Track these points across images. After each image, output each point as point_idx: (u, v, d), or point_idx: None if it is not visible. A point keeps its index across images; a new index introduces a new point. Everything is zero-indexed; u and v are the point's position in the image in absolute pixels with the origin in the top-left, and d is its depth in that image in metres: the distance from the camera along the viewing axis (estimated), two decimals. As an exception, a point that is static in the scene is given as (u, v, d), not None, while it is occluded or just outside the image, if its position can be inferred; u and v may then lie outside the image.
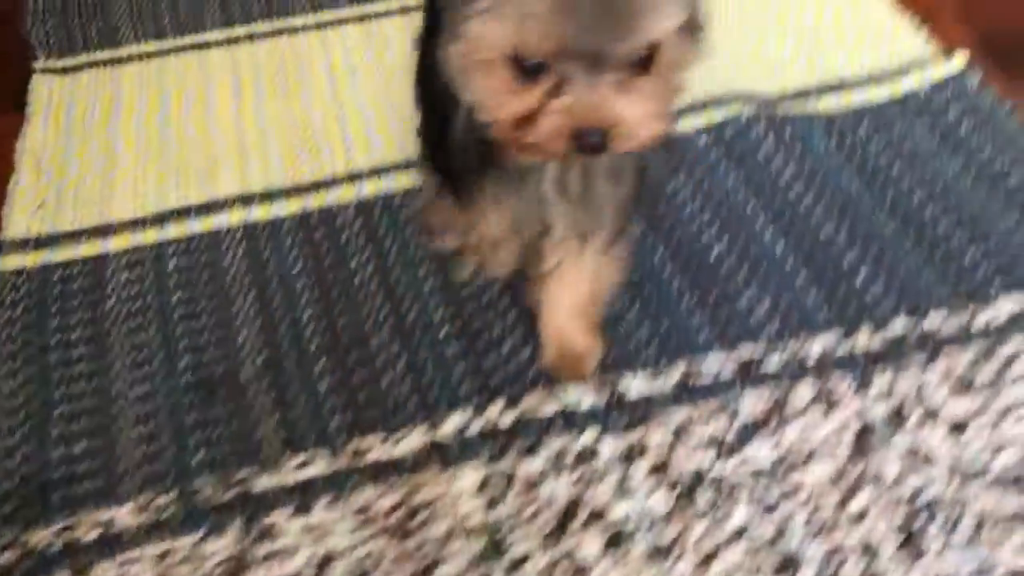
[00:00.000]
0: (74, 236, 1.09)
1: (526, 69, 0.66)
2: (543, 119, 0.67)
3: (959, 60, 1.24)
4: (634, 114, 0.67)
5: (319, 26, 1.37)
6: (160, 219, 1.10)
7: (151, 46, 1.35)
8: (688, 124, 1.16)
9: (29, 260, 1.06)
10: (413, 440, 0.89)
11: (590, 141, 0.67)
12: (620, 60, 0.66)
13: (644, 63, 0.67)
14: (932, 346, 0.94)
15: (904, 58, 1.27)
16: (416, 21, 1.33)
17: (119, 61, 1.33)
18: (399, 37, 1.34)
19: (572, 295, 0.92)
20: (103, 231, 1.09)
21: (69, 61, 1.33)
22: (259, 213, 1.10)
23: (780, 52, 1.29)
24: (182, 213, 1.11)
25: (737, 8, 1.35)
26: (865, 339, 0.95)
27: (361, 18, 1.38)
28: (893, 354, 0.93)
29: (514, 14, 0.64)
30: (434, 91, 0.78)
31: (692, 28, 0.70)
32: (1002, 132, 1.16)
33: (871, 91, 1.22)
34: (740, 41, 1.30)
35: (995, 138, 1.16)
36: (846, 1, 1.36)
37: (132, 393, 0.94)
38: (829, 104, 1.21)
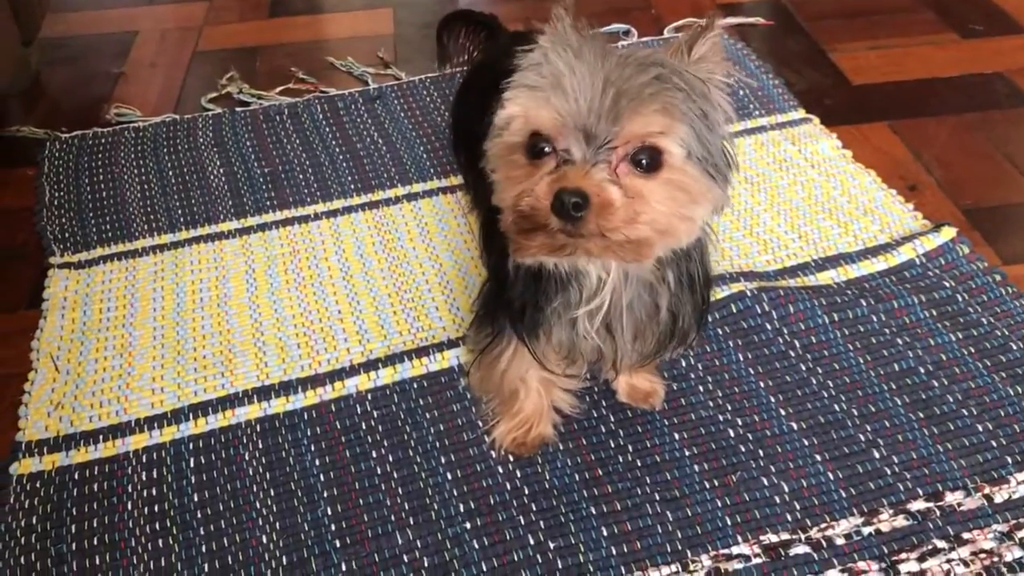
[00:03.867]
0: (92, 436, 1.09)
1: (536, 152, 0.76)
2: (537, 187, 0.75)
3: (949, 231, 1.30)
4: (619, 199, 0.74)
5: (329, 214, 1.41)
6: (178, 415, 1.11)
7: (165, 239, 1.39)
8: (695, 303, 1.19)
9: (46, 463, 1.06)
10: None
11: (569, 200, 0.73)
12: (617, 148, 0.74)
13: (648, 168, 0.75)
14: (954, 527, 0.94)
15: (896, 230, 1.33)
16: (421, 208, 1.39)
17: (134, 254, 1.36)
18: (407, 223, 1.38)
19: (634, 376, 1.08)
20: (121, 430, 1.10)
21: (84, 256, 1.36)
22: (277, 406, 1.11)
23: (775, 228, 1.34)
24: (200, 408, 1.11)
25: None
26: (887, 521, 0.95)
27: (370, 205, 1.43)
28: (917, 536, 0.94)
29: (529, 91, 0.75)
30: (494, 242, 0.91)
31: (710, 165, 0.77)
32: (997, 301, 1.20)
33: (867, 263, 1.26)
34: (734, 220, 1.35)
35: (991, 308, 1.19)
36: (833, 178, 1.43)
37: (153, 604, 0.92)
38: (827, 277, 1.25)
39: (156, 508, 1.01)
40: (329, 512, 1.00)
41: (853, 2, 1.95)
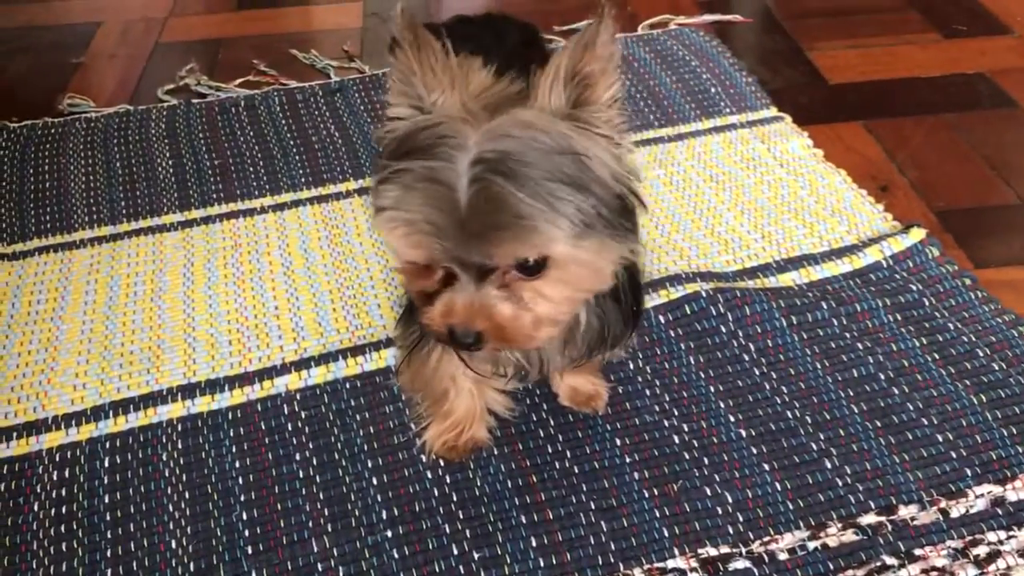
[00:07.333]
0: (5, 433, 1.03)
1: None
2: (431, 309, 0.72)
3: (918, 233, 1.24)
4: (515, 319, 0.71)
5: (276, 208, 1.36)
6: (98, 412, 1.05)
7: (104, 231, 1.34)
8: (646, 303, 1.13)
9: (-45, 461, 1.01)
10: (350, 662, 0.82)
11: (464, 341, 0.72)
12: (499, 267, 0.69)
13: (535, 271, 0.69)
14: (906, 543, 0.88)
15: (863, 232, 1.27)
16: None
17: (71, 246, 1.31)
18: (355, 218, 1.33)
19: (575, 377, 1.02)
20: (37, 427, 1.04)
21: (19, 247, 1.31)
22: (201, 405, 1.06)
23: (737, 228, 1.28)
24: (121, 405, 1.06)
25: (691, 187, 1.36)
26: (835, 536, 0.89)
27: (319, 199, 1.37)
28: (865, 552, 0.88)
29: (397, 224, 0.68)
30: None
31: (603, 223, 0.70)
32: (966, 306, 1.14)
33: (831, 265, 1.20)
34: (696, 219, 1.30)
35: (958, 312, 1.13)
36: (802, 177, 1.37)
37: (48, 612, 0.87)
38: (789, 279, 1.19)
39: (63, 510, 0.96)
40: (244, 517, 0.94)
41: (835, 1, 1.89)
